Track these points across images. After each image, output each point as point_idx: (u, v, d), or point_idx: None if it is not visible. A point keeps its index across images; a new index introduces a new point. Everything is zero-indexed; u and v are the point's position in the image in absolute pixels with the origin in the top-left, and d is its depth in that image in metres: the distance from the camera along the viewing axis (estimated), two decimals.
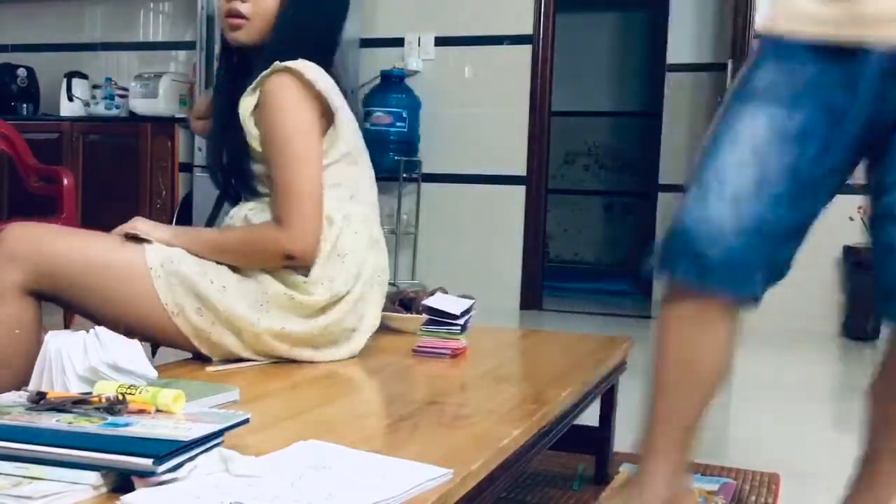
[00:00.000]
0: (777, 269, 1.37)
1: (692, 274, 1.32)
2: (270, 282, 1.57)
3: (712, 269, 1.30)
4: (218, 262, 1.58)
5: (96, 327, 1.20)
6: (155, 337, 1.58)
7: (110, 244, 1.57)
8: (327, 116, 1.61)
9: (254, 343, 1.55)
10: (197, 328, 1.54)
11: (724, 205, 1.29)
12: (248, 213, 1.64)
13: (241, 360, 1.57)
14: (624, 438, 2.23)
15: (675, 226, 1.35)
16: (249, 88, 1.60)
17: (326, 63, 1.67)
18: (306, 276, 1.58)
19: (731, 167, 1.30)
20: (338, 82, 1.68)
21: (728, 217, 1.29)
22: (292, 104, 1.57)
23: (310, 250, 1.56)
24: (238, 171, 1.67)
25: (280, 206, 1.57)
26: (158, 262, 1.54)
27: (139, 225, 1.58)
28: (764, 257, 1.33)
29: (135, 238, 1.57)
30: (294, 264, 1.57)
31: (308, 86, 1.58)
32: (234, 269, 1.58)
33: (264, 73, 1.58)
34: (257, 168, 1.64)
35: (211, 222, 1.79)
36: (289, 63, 1.57)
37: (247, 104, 1.60)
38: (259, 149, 1.60)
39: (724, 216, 1.29)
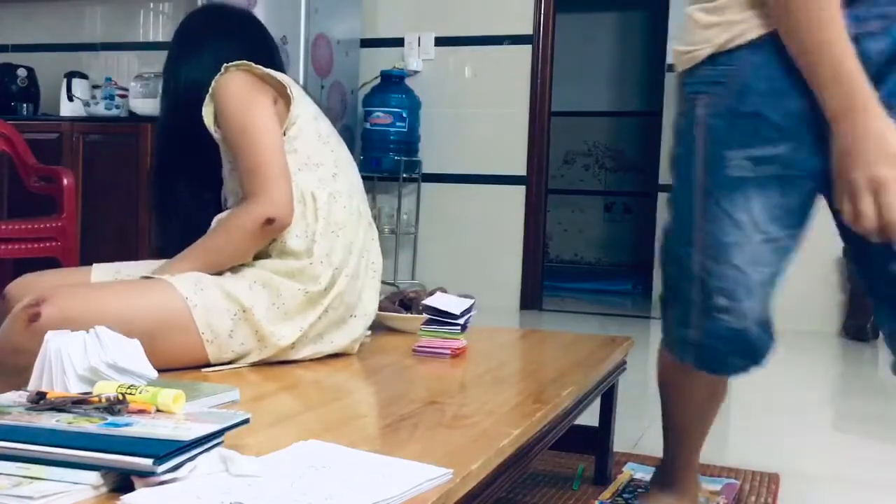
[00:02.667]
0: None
1: (738, 367, 1.44)
2: (280, 282, 1.57)
3: (758, 356, 1.42)
4: (220, 273, 1.58)
5: (96, 327, 1.20)
6: (181, 366, 1.51)
7: (137, 289, 1.54)
8: (283, 97, 1.67)
9: (272, 353, 1.56)
10: (225, 352, 1.53)
11: (754, 304, 1.37)
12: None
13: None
14: (624, 438, 2.23)
15: (716, 329, 1.39)
16: (207, 98, 1.65)
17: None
18: (310, 257, 1.59)
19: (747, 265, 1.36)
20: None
21: (760, 313, 1.38)
22: (241, 91, 1.63)
23: (284, 210, 1.58)
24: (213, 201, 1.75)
25: (247, 182, 1.60)
26: (191, 290, 1.52)
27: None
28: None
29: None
30: (276, 228, 1.58)
31: (254, 73, 1.64)
32: (245, 280, 1.58)
33: (214, 78, 1.65)
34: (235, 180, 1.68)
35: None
36: (236, 62, 1.65)
37: (208, 113, 1.65)
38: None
39: (755, 314, 1.37)
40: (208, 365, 1.54)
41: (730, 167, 1.30)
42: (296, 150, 1.65)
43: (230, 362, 1.55)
